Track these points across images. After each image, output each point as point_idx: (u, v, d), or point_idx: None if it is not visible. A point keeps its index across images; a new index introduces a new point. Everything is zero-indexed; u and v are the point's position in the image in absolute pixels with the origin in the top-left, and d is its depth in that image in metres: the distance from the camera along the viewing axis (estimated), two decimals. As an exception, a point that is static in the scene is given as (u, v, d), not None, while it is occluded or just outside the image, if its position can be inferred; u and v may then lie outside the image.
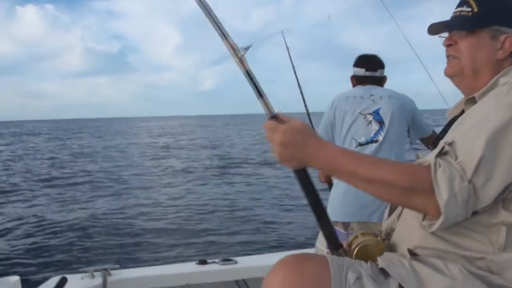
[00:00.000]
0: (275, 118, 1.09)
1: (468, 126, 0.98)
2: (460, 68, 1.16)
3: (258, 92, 1.13)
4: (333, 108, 2.52)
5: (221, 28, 1.16)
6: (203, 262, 2.47)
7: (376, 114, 2.41)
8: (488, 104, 1.01)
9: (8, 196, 10.93)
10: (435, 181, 0.91)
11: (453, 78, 1.20)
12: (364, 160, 1.01)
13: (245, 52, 1.14)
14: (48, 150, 25.54)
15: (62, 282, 2.13)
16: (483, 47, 1.12)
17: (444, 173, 0.90)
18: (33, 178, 14.22)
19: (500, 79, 1.08)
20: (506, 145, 0.92)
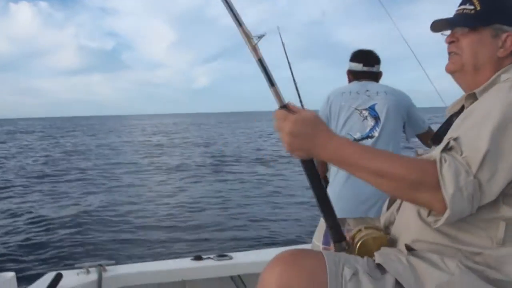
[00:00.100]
0: (285, 107, 1.07)
1: (472, 122, 0.98)
2: (461, 64, 1.16)
3: (270, 81, 1.12)
4: (328, 104, 2.50)
5: (236, 16, 1.15)
6: (198, 258, 2.46)
7: (371, 109, 2.38)
8: (491, 100, 1.01)
9: (1, 192, 10.84)
10: (441, 175, 0.90)
11: (453, 74, 1.20)
12: (373, 153, 1.00)
13: (258, 40, 1.13)
14: (41, 148, 25.34)
15: (58, 278, 2.11)
16: (484, 45, 1.13)
17: (450, 167, 0.90)
18: (26, 175, 14.12)
19: (501, 75, 1.09)
20: (509, 140, 0.92)
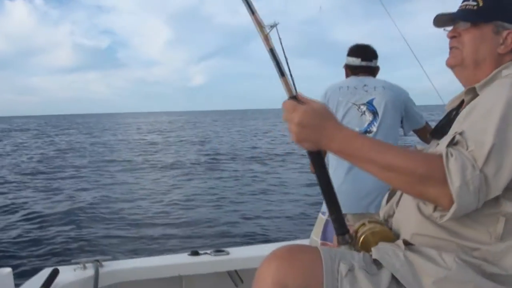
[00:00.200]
0: (294, 98, 1.06)
1: (476, 117, 0.98)
2: (462, 58, 1.16)
3: (280, 71, 1.11)
4: (326, 99, 2.46)
5: (249, 4, 1.13)
6: (195, 253, 2.44)
7: (369, 104, 2.35)
8: (494, 95, 1.00)
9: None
10: (447, 169, 0.89)
11: (454, 68, 1.21)
12: (382, 146, 0.99)
13: (270, 30, 1.12)
14: (36, 146, 25.24)
15: (54, 273, 2.09)
16: (485, 41, 1.13)
17: (456, 162, 0.89)
18: (21, 172, 14.09)
19: (502, 71, 1.09)
20: None
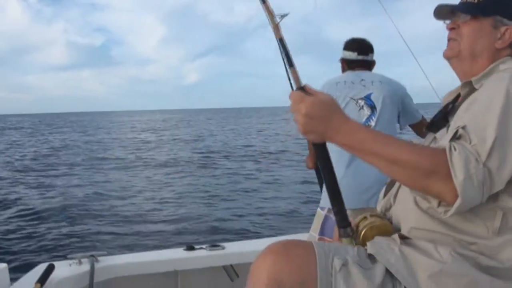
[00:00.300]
0: (302, 89, 1.05)
1: (477, 110, 0.97)
2: (459, 50, 1.16)
3: (288, 61, 1.10)
4: None
5: None
6: (190, 248, 2.42)
7: (367, 99, 2.32)
8: (493, 88, 0.99)
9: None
10: (451, 163, 0.89)
11: (450, 60, 1.20)
12: (387, 139, 0.97)
13: (281, 19, 1.11)
14: (30, 144, 25.09)
15: (50, 269, 2.07)
16: (483, 34, 1.13)
17: (460, 156, 0.89)
18: (14, 169, 14.06)
19: (500, 65, 1.09)
20: None
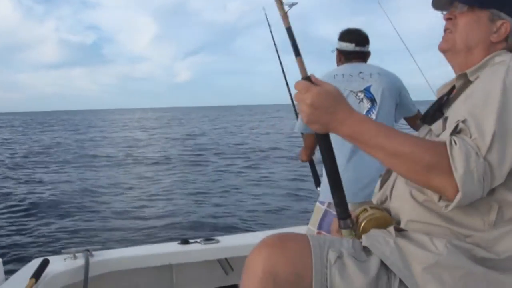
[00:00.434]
0: (308, 79, 1.04)
1: (475, 104, 0.96)
2: (454, 42, 1.15)
3: (296, 50, 1.09)
4: None
5: None
6: (185, 242, 2.42)
7: (367, 91, 2.25)
8: (490, 81, 0.98)
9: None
10: (451, 158, 0.88)
11: (446, 53, 1.19)
12: (391, 132, 0.96)
13: (290, 8, 1.10)
14: (21, 142, 24.80)
15: (44, 263, 2.04)
16: (479, 26, 1.12)
17: (460, 150, 0.88)
18: (4, 166, 13.96)
19: (495, 58, 1.08)
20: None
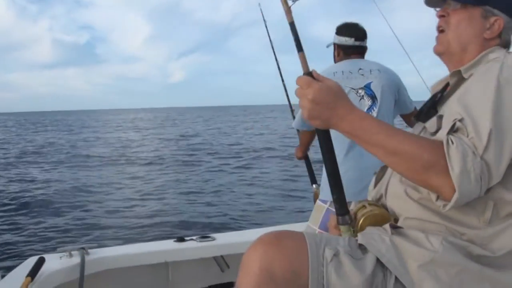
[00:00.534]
0: (309, 75, 1.03)
1: (470, 102, 0.94)
2: (448, 44, 1.14)
3: (298, 45, 1.09)
4: None
5: None
6: (181, 239, 2.40)
7: (367, 88, 2.20)
8: (485, 80, 0.97)
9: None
10: (448, 157, 0.87)
11: (442, 56, 1.18)
12: (391, 130, 0.95)
13: (293, 3, 1.10)
14: (14, 142, 24.63)
15: (40, 262, 2.02)
16: (472, 23, 1.11)
17: (457, 149, 0.87)
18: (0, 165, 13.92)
19: (489, 55, 1.07)
20: (509, 121, 0.90)
